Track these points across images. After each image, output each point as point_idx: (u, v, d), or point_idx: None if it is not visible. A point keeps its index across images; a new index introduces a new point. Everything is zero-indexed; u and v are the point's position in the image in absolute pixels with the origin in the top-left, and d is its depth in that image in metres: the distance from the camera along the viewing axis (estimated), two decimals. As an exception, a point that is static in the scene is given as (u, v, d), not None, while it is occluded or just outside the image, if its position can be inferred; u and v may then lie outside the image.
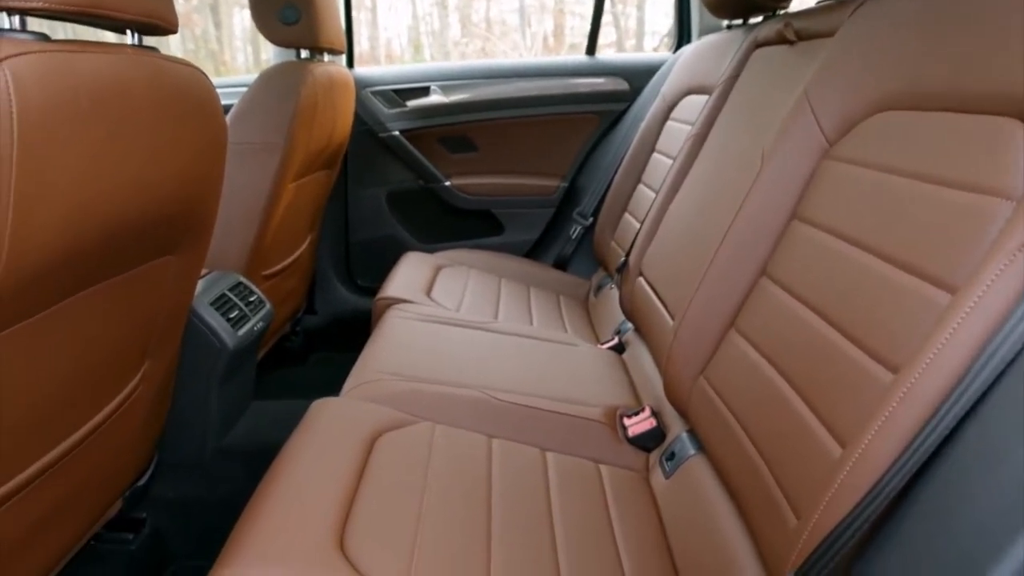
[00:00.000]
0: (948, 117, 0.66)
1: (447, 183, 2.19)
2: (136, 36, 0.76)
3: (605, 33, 2.23)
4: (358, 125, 2.04)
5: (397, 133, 2.12)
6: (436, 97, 2.14)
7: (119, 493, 1.07)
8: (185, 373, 1.20)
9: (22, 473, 0.73)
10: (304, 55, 1.66)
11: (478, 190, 2.21)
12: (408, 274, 1.73)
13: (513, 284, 1.86)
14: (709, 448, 0.93)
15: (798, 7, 1.36)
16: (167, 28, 0.76)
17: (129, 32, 0.76)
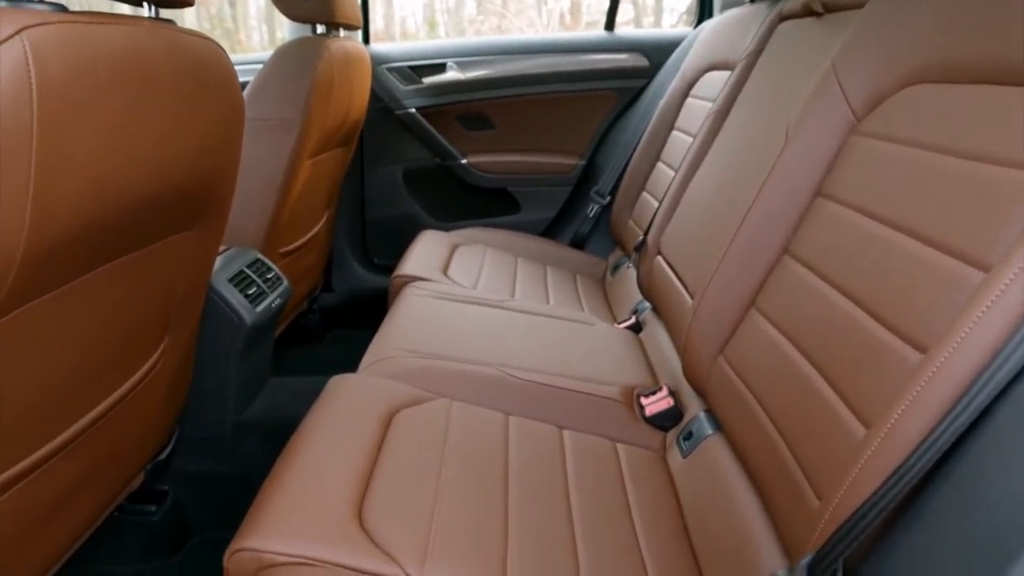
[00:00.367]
0: (985, 90, 0.64)
1: (463, 161, 2.17)
2: (153, 8, 0.75)
3: (623, 10, 2.18)
4: (374, 102, 2.03)
5: (413, 110, 2.11)
6: (453, 74, 2.12)
7: (141, 466, 1.09)
8: (204, 349, 1.21)
9: (48, 444, 0.74)
10: (320, 30, 1.65)
11: (495, 168, 2.19)
12: (424, 252, 1.73)
13: (530, 263, 1.85)
14: (728, 428, 0.92)
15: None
16: (183, 0, 0.75)
17: (146, 4, 0.75)
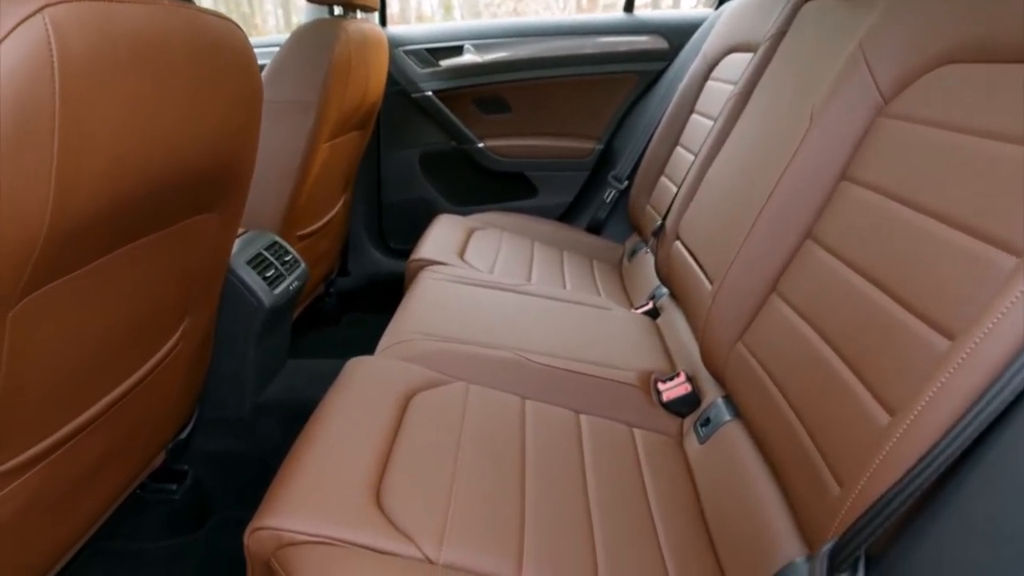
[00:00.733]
0: (1021, 68, 0.62)
1: (480, 144, 2.16)
2: None
3: (643, -8, 2.15)
4: (391, 85, 2.02)
5: (430, 93, 2.09)
6: (470, 57, 2.10)
7: (162, 445, 1.10)
8: (223, 331, 1.22)
9: (70, 424, 0.75)
10: (337, 12, 1.64)
11: (511, 152, 2.18)
12: (441, 236, 1.72)
13: (546, 247, 1.84)
14: (746, 414, 0.91)
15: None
16: None
17: None
